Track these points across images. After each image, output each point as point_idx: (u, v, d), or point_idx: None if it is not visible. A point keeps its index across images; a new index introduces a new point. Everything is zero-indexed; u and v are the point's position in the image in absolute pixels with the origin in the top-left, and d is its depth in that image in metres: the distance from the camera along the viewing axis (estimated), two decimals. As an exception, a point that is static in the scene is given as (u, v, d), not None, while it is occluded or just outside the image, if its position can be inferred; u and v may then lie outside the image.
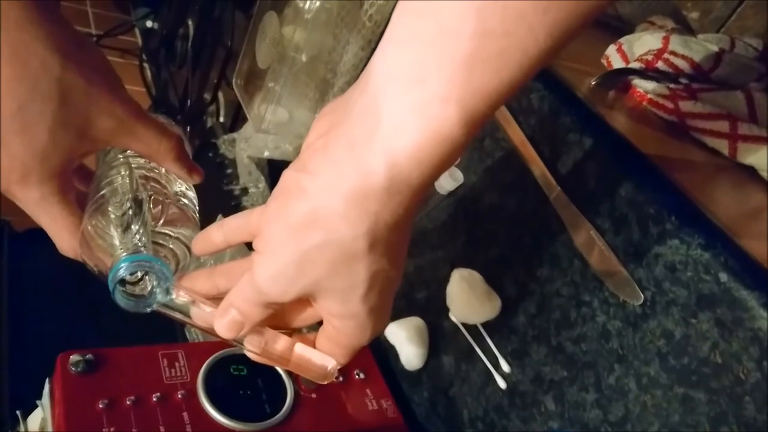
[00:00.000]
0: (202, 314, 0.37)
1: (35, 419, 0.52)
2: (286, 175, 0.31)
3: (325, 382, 0.38)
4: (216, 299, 0.37)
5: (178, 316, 0.37)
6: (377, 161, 0.28)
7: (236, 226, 0.39)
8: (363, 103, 0.28)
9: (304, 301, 0.35)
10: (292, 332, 0.38)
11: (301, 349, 0.37)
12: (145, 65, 1.54)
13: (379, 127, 0.28)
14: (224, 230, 0.39)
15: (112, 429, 0.46)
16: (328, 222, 0.29)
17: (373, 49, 0.70)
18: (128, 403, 0.49)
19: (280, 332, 0.37)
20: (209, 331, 0.37)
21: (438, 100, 0.27)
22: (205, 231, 0.40)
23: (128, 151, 0.42)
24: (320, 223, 0.29)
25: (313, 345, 0.37)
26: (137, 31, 1.77)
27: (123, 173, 0.40)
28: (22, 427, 0.53)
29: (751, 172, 0.55)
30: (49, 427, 0.49)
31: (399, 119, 0.27)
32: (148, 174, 0.42)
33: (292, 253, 0.31)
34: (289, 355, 0.37)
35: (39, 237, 0.39)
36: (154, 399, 0.50)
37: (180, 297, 0.36)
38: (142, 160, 0.42)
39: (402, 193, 0.28)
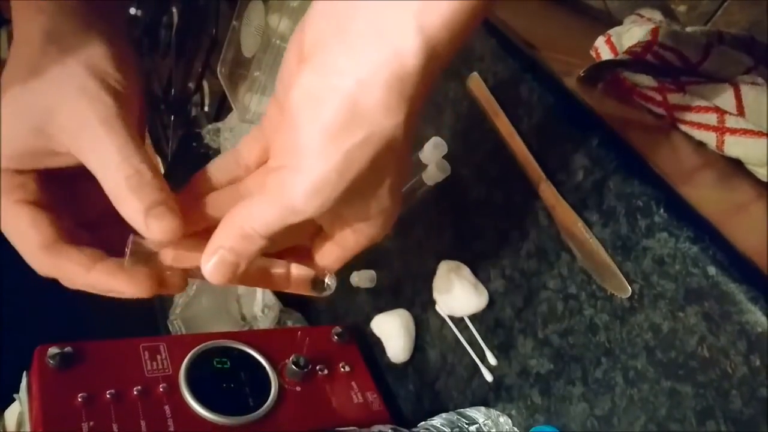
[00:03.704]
0: (179, 255, 0.32)
1: (12, 413, 0.51)
2: (307, 81, 0.28)
3: (326, 294, 0.35)
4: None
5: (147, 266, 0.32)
6: (412, 40, 0.26)
7: (226, 163, 0.35)
8: None
9: None
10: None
11: (296, 268, 0.35)
12: (129, 54, 1.52)
13: (409, 2, 0.26)
14: (211, 172, 0.35)
15: (91, 423, 0.46)
16: (370, 115, 0.27)
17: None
18: (108, 397, 0.48)
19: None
20: (192, 275, 0.33)
21: None
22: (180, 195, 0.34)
23: None
24: (362, 118, 0.27)
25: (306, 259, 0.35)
26: (120, 18, 1.74)
27: None
28: (-2, 422, 0.52)
29: (738, 165, 0.55)
30: (27, 422, 0.48)
31: None
32: None
33: (334, 157, 0.28)
34: (288, 276, 0.35)
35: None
36: (135, 393, 0.49)
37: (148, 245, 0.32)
38: None
39: (434, 72, 0.27)
